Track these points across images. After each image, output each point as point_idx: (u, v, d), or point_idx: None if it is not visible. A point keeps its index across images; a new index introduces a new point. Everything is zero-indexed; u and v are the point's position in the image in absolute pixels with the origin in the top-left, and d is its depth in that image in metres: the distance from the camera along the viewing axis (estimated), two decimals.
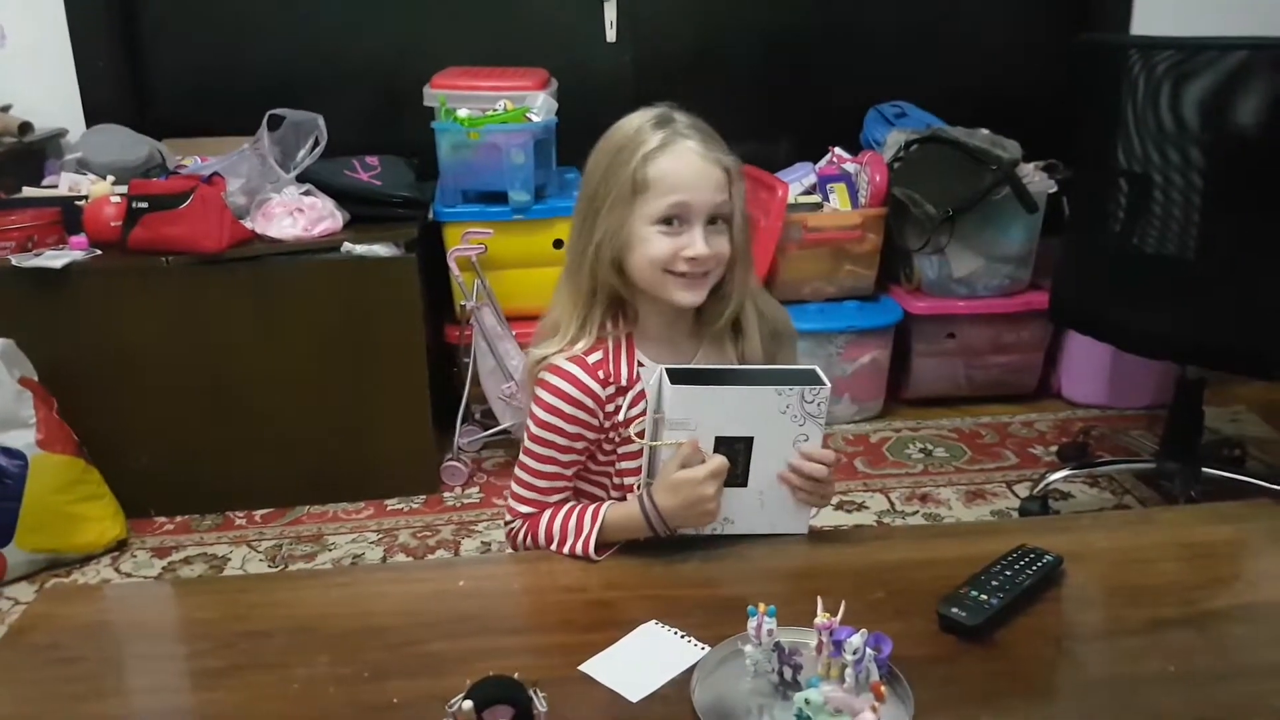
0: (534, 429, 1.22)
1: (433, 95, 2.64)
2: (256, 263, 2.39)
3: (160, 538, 2.43)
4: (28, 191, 2.58)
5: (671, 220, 1.15)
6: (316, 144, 2.59)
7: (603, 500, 1.23)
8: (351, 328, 2.44)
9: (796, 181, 2.89)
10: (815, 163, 2.97)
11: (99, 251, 2.39)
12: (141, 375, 2.41)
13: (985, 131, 2.80)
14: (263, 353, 2.43)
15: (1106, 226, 2.17)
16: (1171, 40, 1.99)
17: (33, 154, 2.76)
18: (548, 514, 1.21)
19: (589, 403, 1.20)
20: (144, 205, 2.34)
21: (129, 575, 2.27)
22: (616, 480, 1.25)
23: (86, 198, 2.48)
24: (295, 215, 2.44)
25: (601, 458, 1.25)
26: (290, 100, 2.64)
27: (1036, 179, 2.74)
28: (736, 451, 1.12)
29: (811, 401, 1.11)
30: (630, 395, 1.21)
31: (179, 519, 2.49)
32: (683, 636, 0.97)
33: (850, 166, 2.90)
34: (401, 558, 2.29)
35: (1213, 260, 2.04)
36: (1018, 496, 2.46)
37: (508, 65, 2.79)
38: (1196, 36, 1.96)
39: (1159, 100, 1.99)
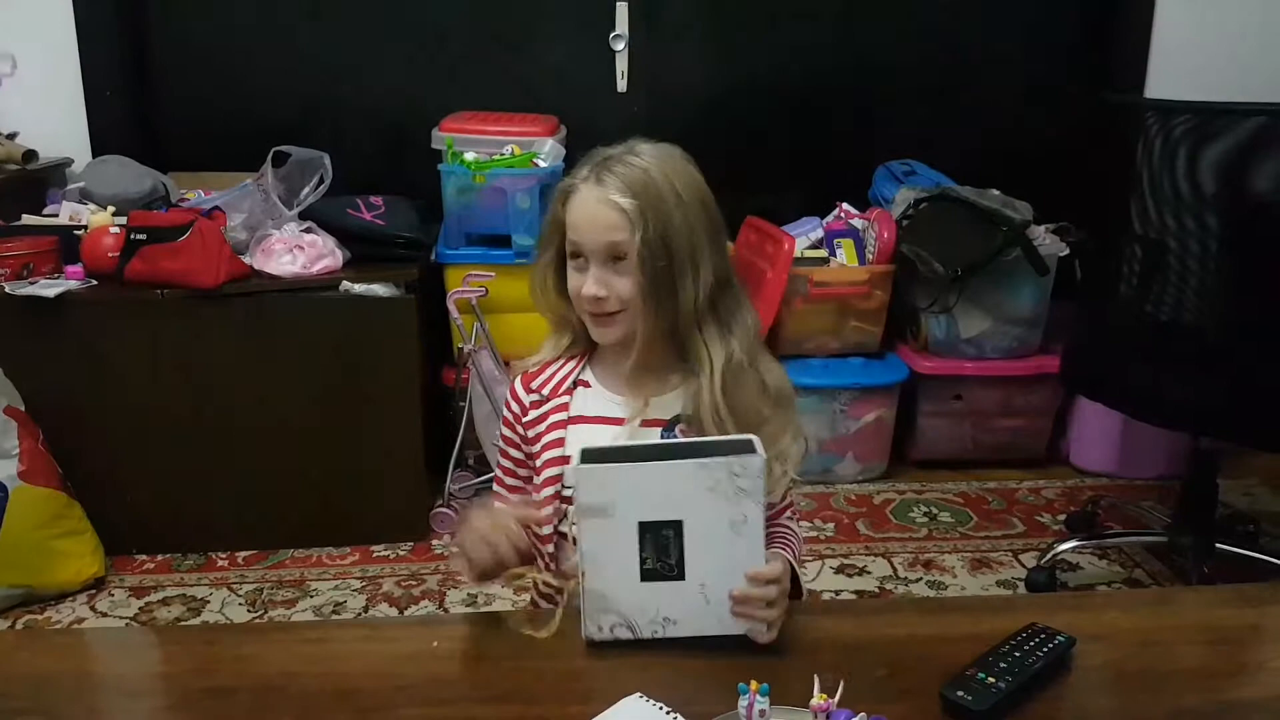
0: None
1: (440, 138, 2.63)
2: (253, 299, 2.36)
3: (139, 577, 2.36)
4: (27, 219, 2.55)
5: (576, 256, 1.17)
6: (321, 182, 2.57)
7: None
8: (347, 367, 2.40)
9: (803, 235, 2.86)
10: (823, 217, 2.95)
11: (94, 282, 2.36)
12: (130, 409, 2.37)
13: (996, 192, 2.78)
14: (255, 390, 2.38)
15: (1119, 291, 2.12)
16: (1190, 104, 1.96)
17: (36, 182, 2.74)
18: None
19: (515, 408, 1.27)
20: (142, 237, 2.32)
21: (105, 615, 2.21)
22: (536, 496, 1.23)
23: (86, 227, 2.45)
24: (295, 252, 2.41)
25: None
26: (298, 138, 2.62)
27: (1048, 241, 2.70)
28: (666, 538, 1.00)
29: (741, 475, 0.97)
30: (550, 405, 1.23)
31: (160, 558, 2.43)
32: (668, 713, 0.90)
33: (858, 222, 2.87)
34: (384, 607, 2.22)
35: (1228, 329, 1.99)
36: (1024, 566, 2.39)
37: (518, 111, 2.78)
38: (1215, 101, 1.94)
39: (1175, 164, 1.96)
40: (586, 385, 1.24)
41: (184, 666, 1.08)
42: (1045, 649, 0.99)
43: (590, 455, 1.02)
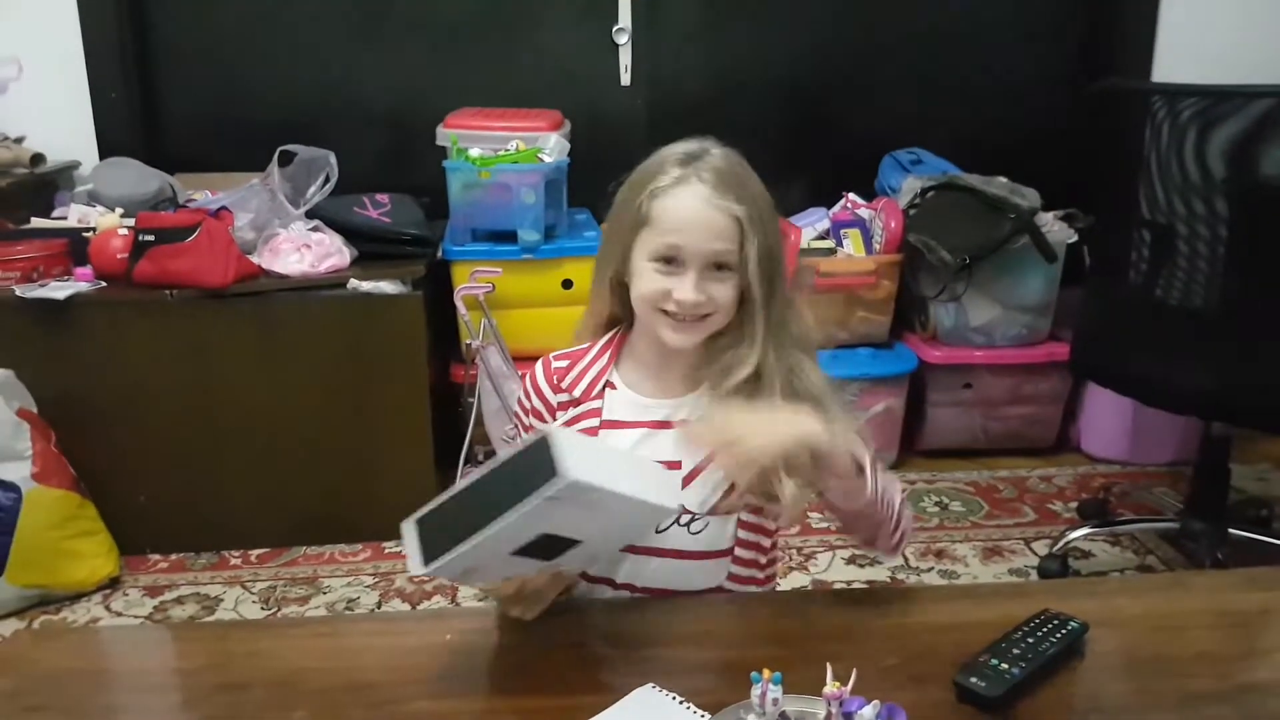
0: None
1: (445, 134, 2.63)
2: (261, 298, 2.36)
3: (154, 576, 2.37)
4: (36, 222, 2.56)
5: (668, 260, 1.12)
6: (327, 181, 2.57)
7: None
8: (356, 365, 2.40)
9: (810, 226, 2.86)
10: (829, 208, 2.94)
11: (104, 284, 2.37)
12: (142, 410, 2.37)
13: (1003, 179, 2.77)
14: (265, 389, 2.39)
15: (1128, 277, 2.12)
16: (1196, 88, 1.95)
17: (44, 185, 2.75)
18: None
19: (538, 403, 1.22)
20: (150, 238, 2.32)
21: (119, 614, 2.22)
22: None
23: (94, 229, 2.46)
24: (302, 251, 2.42)
25: None
26: (304, 138, 2.63)
27: (1056, 228, 2.70)
28: (548, 541, 0.94)
29: (558, 497, 0.87)
30: (582, 409, 1.19)
31: (174, 557, 2.44)
32: (681, 702, 0.90)
33: (865, 212, 2.87)
34: (397, 603, 2.22)
35: (1238, 313, 1.98)
36: (1036, 554, 2.38)
37: (522, 107, 2.78)
38: (1221, 84, 1.93)
39: (1183, 149, 1.95)
40: (613, 388, 1.20)
41: (199, 663, 1.08)
42: (1058, 635, 0.99)
43: (424, 543, 0.97)
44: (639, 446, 1.17)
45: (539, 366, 1.24)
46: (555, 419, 1.20)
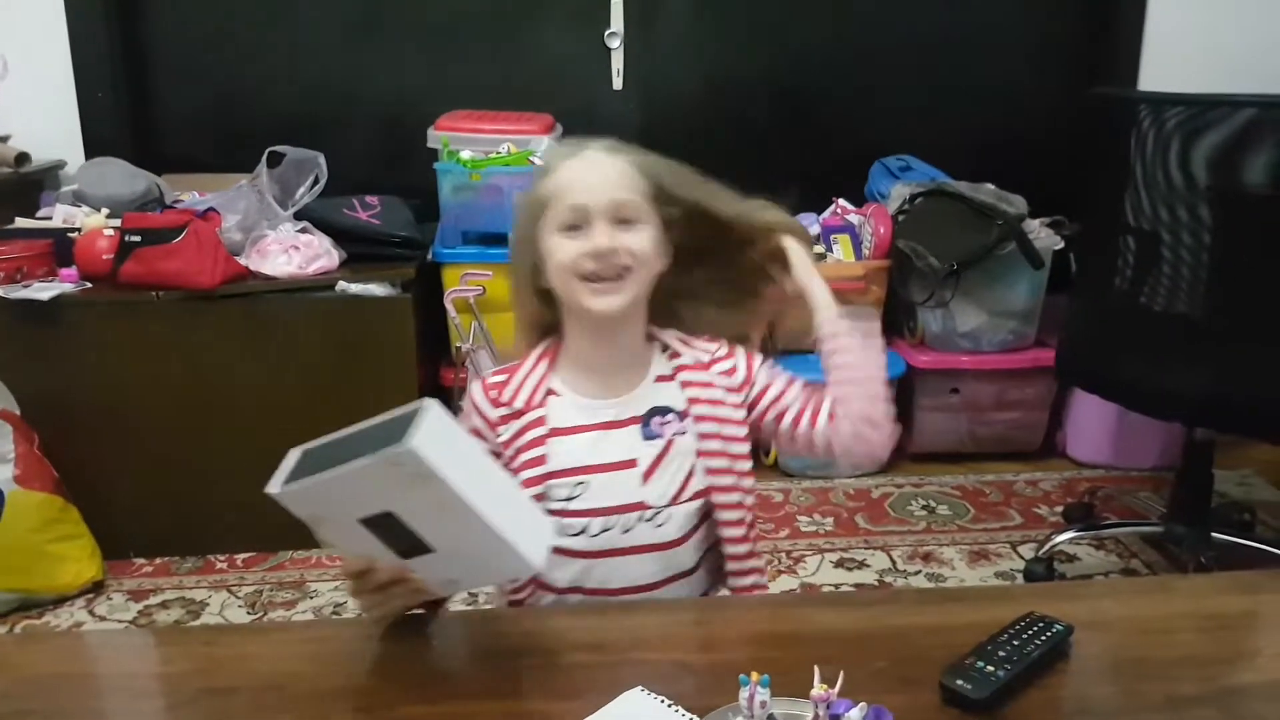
0: None
1: (436, 137, 2.64)
2: (249, 299, 2.35)
3: (138, 580, 2.36)
4: (20, 222, 2.55)
5: (574, 226, 1.13)
6: (316, 182, 2.57)
7: None
8: (344, 367, 2.40)
9: None
10: (819, 213, 2.95)
11: (89, 285, 2.36)
12: (127, 412, 2.36)
13: (991, 186, 2.79)
14: (252, 391, 2.38)
15: (1114, 284, 2.13)
16: (1181, 97, 1.97)
17: (29, 185, 2.74)
18: None
19: (478, 422, 1.20)
20: (136, 239, 2.31)
21: (103, 618, 2.21)
22: None
23: (80, 230, 2.45)
24: (291, 252, 2.41)
25: None
26: (293, 139, 2.63)
27: (1042, 235, 2.71)
28: (392, 526, 0.93)
29: (403, 465, 0.86)
30: (525, 420, 1.18)
31: (158, 561, 2.43)
32: (669, 705, 0.90)
33: (854, 218, 2.88)
34: None
35: (1222, 319, 2.00)
36: (1022, 558, 2.40)
37: (513, 110, 2.78)
38: (1207, 93, 1.94)
39: (1168, 157, 1.97)
40: (555, 394, 1.19)
41: (185, 667, 1.08)
42: (1043, 637, 1.00)
43: (299, 465, 0.99)
44: (594, 449, 1.17)
45: (475, 387, 1.22)
46: (497, 434, 1.19)
